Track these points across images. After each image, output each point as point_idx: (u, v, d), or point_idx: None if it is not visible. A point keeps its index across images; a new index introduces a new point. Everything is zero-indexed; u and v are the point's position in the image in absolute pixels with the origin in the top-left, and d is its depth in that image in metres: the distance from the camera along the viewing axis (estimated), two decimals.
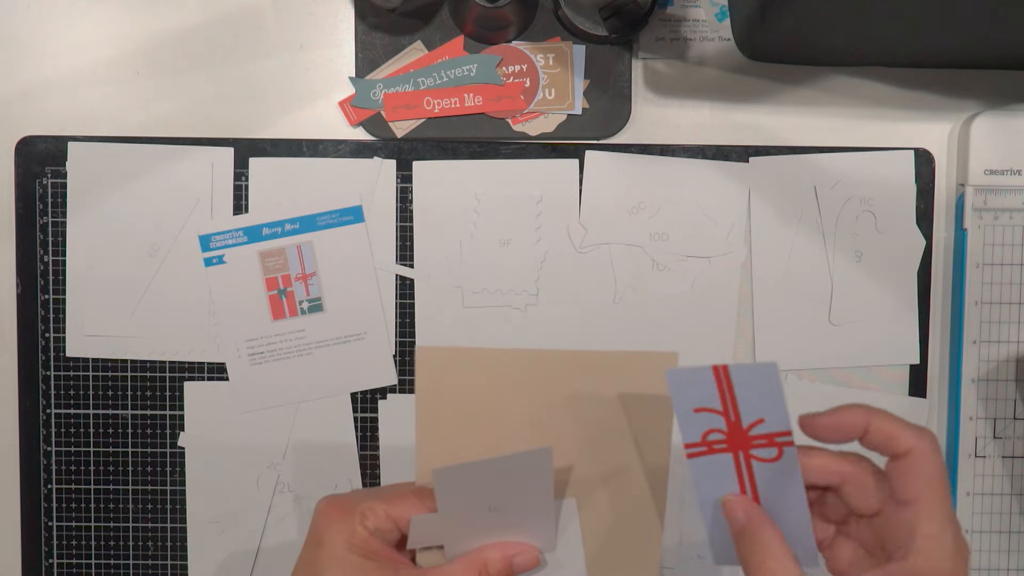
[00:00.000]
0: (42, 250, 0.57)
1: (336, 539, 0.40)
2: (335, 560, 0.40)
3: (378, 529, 0.40)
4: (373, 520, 0.40)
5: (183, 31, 0.57)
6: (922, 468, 0.37)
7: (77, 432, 0.58)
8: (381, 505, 0.41)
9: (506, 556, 0.41)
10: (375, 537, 0.40)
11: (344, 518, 0.41)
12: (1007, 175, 0.57)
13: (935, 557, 0.36)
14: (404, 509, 0.41)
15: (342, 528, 0.40)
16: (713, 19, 0.57)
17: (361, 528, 0.40)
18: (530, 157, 0.57)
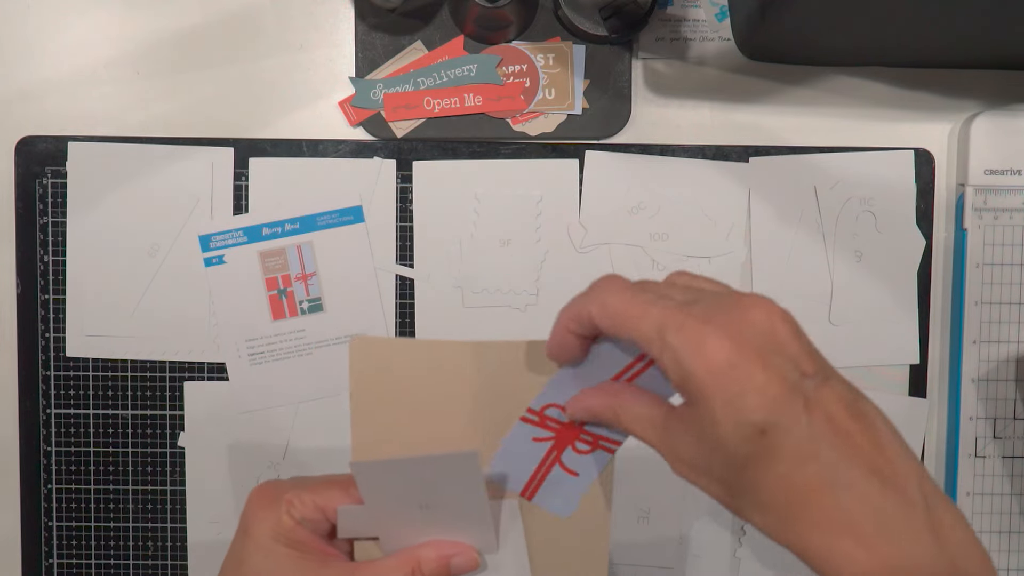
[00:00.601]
0: (42, 250, 0.57)
1: (262, 528, 0.39)
2: (259, 549, 0.39)
3: (305, 519, 0.39)
4: (300, 509, 0.39)
5: (183, 31, 0.57)
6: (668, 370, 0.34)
7: (77, 432, 0.58)
8: (308, 495, 0.39)
9: (442, 556, 0.40)
10: (302, 527, 0.39)
11: (270, 507, 0.39)
12: (1007, 175, 0.57)
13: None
14: (331, 499, 0.39)
15: (268, 517, 0.39)
16: (713, 19, 0.57)
17: (287, 518, 0.39)
18: (530, 157, 0.57)
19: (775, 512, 0.32)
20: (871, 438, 0.32)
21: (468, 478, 0.38)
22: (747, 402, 0.31)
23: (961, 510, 0.33)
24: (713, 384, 0.32)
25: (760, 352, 0.32)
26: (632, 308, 0.34)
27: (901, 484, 0.32)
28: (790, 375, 0.32)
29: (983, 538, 0.58)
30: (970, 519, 0.57)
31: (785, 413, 0.31)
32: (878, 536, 0.31)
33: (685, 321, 0.32)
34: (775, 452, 0.31)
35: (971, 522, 0.57)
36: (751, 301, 0.33)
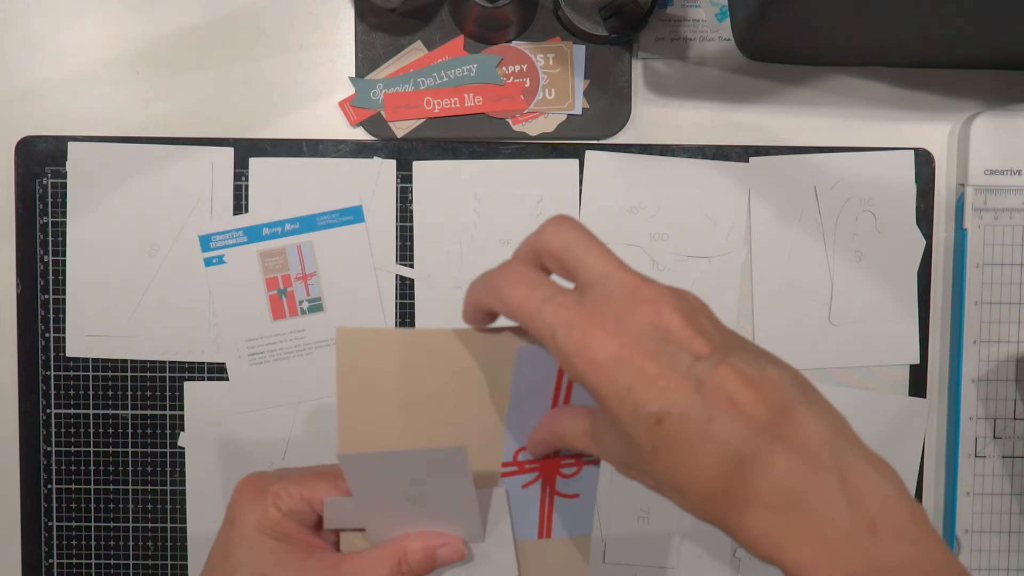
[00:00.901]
0: (42, 250, 0.57)
1: (248, 520, 0.39)
2: (245, 541, 0.39)
3: (291, 511, 0.39)
4: (287, 502, 0.39)
5: (183, 31, 0.57)
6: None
7: (77, 432, 0.58)
8: (295, 486, 0.39)
9: (428, 547, 0.40)
10: (288, 519, 0.39)
11: (257, 498, 0.39)
12: (1007, 175, 0.57)
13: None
14: (318, 491, 0.39)
15: (254, 508, 0.39)
16: (713, 19, 0.57)
17: (274, 510, 0.39)
18: (530, 157, 0.57)
19: (692, 495, 0.33)
20: (774, 404, 0.32)
21: (456, 473, 0.38)
22: (638, 395, 0.32)
23: (887, 462, 0.32)
24: (603, 381, 0.32)
25: (647, 344, 0.32)
26: (527, 304, 0.34)
27: (809, 449, 0.31)
28: (681, 361, 0.32)
29: (983, 538, 0.58)
30: (970, 519, 0.57)
31: (677, 399, 0.31)
32: (789, 507, 0.31)
33: (574, 320, 0.33)
34: (676, 439, 0.32)
35: (971, 522, 0.57)
36: (640, 295, 0.33)
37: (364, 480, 0.39)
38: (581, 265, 0.35)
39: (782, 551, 0.31)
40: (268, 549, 0.39)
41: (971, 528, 0.58)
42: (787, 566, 0.32)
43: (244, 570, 0.39)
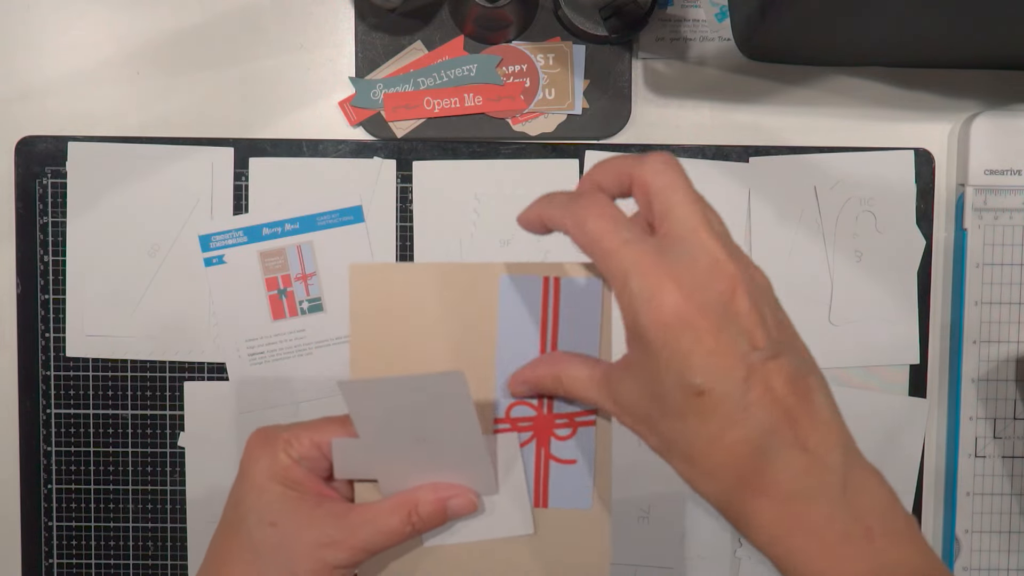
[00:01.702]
0: (42, 250, 0.57)
1: (258, 467, 0.39)
2: (255, 488, 0.39)
3: (303, 457, 0.39)
4: (297, 448, 0.39)
5: (183, 31, 0.57)
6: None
7: (77, 432, 0.58)
8: (305, 432, 0.39)
9: (439, 498, 0.39)
10: (299, 466, 0.39)
11: (267, 446, 0.39)
12: (1007, 175, 0.57)
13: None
14: (329, 434, 0.39)
15: (264, 456, 0.39)
16: (713, 19, 0.57)
17: (284, 456, 0.39)
18: (530, 157, 0.57)
19: (702, 468, 0.34)
20: (806, 411, 0.33)
21: (457, 400, 0.37)
22: (691, 363, 0.32)
23: (886, 479, 0.34)
24: (663, 338, 0.33)
25: (715, 317, 0.33)
26: (608, 241, 0.34)
27: (822, 454, 0.33)
28: (739, 345, 0.33)
29: (983, 538, 0.58)
30: (970, 519, 0.57)
31: (725, 380, 0.32)
32: (792, 497, 0.33)
33: (651, 271, 0.33)
34: (708, 413, 0.33)
35: (971, 522, 0.57)
36: (722, 270, 0.33)
37: (366, 410, 0.38)
38: (672, 215, 0.35)
39: (780, 541, 0.33)
40: (277, 496, 0.38)
41: (971, 528, 0.58)
42: (781, 556, 0.33)
43: (253, 516, 0.39)
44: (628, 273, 0.33)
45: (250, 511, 0.39)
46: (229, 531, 0.40)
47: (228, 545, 0.40)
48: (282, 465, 0.39)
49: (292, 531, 0.38)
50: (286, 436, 0.39)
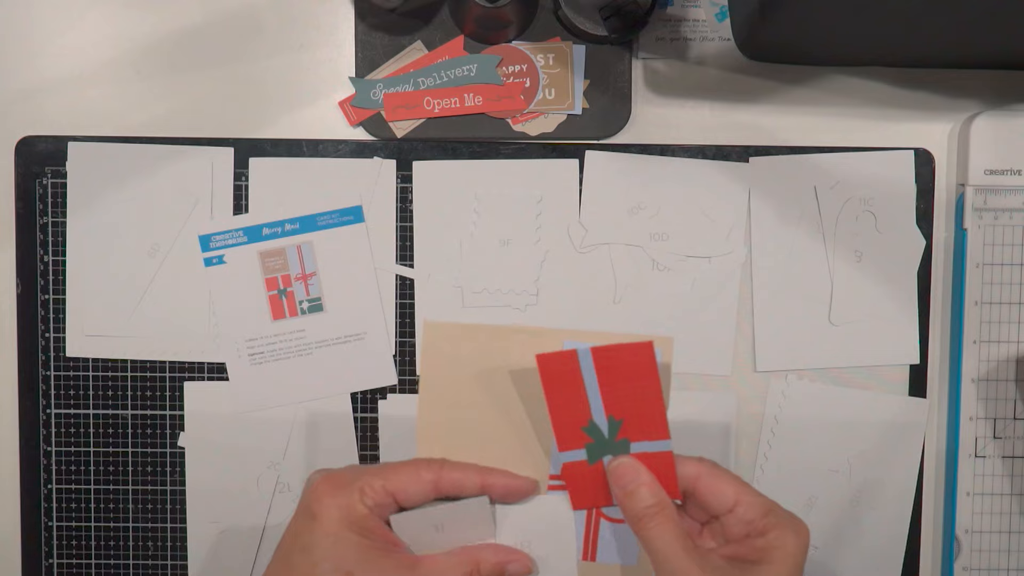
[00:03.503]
0: (42, 250, 0.57)
1: (332, 514, 0.40)
2: (329, 535, 0.40)
3: (377, 505, 0.40)
4: (372, 496, 0.40)
5: (183, 31, 0.57)
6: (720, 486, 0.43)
7: (77, 432, 0.58)
8: (379, 480, 0.41)
9: (500, 561, 0.42)
10: (373, 515, 0.40)
11: (342, 493, 0.40)
12: (1007, 175, 0.57)
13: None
14: (401, 481, 0.41)
15: (339, 503, 0.40)
16: (713, 19, 0.57)
17: (360, 505, 0.40)
18: (530, 157, 0.57)
19: None
20: None
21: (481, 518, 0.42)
22: None
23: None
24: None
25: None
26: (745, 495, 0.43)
27: None
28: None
29: (983, 538, 0.58)
30: (970, 519, 0.57)
31: None
32: None
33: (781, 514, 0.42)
34: None
35: (971, 522, 0.57)
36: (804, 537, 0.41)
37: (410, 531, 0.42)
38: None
39: None
40: (353, 545, 0.40)
41: (971, 528, 0.58)
42: None
43: (327, 564, 0.39)
44: None
45: (325, 559, 0.40)
46: (291, 570, 0.41)
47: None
48: (358, 514, 0.40)
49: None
50: (360, 485, 0.41)
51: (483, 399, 0.44)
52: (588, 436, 0.42)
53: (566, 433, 0.42)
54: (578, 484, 0.43)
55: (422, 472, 0.41)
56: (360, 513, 0.40)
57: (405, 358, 0.58)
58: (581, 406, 0.42)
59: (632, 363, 0.41)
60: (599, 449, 0.43)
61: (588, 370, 0.42)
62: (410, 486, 0.41)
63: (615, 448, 0.42)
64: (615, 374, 0.42)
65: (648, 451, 0.42)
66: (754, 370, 0.57)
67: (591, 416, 0.42)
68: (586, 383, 0.42)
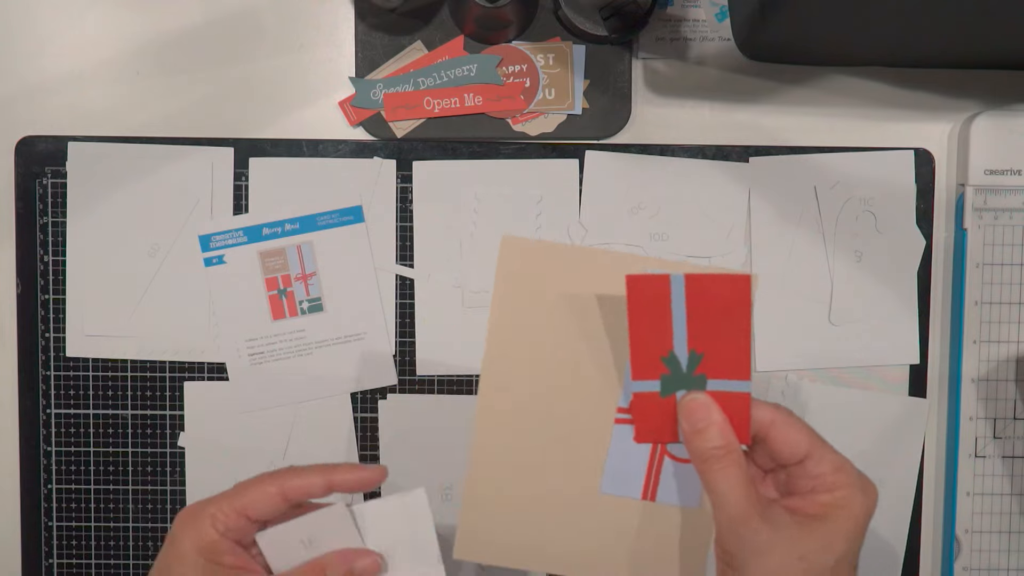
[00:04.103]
0: (42, 250, 0.57)
1: (185, 542, 0.41)
2: (179, 558, 0.41)
3: (229, 528, 0.41)
4: (223, 520, 0.41)
5: (183, 31, 0.57)
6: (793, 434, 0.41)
7: (77, 432, 0.58)
8: (227, 502, 0.42)
9: (346, 559, 0.42)
10: (225, 539, 0.41)
11: (195, 521, 0.42)
12: (1007, 175, 0.57)
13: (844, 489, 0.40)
14: (248, 498, 0.42)
15: (192, 530, 0.41)
16: (713, 19, 0.57)
17: (211, 530, 0.41)
18: (530, 157, 0.57)
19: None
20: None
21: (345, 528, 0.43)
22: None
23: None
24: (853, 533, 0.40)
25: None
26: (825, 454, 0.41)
27: None
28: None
29: (983, 538, 0.58)
30: (970, 519, 0.57)
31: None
32: None
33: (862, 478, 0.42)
34: None
35: (971, 522, 0.57)
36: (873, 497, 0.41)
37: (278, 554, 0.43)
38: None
39: None
40: (200, 568, 0.41)
41: (971, 528, 0.58)
42: None
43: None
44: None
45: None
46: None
47: None
48: (209, 540, 0.41)
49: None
50: (212, 511, 0.42)
51: (559, 322, 0.42)
52: (665, 367, 0.40)
53: (643, 361, 0.40)
54: (646, 416, 0.41)
55: (266, 485, 0.42)
56: (211, 539, 0.41)
57: (405, 358, 0.58)
58: (664, 335, 0.40)
59: (725, 296, 0.39)
60: (674, 382, 0.40)
61: (678, 297, 0.39)
62: (258, 502, 0.42)
63: (691, 383, 0.40)
64: (705, 305, 0.39)
65: (725, 390, 0.40)
66: (754, 370, 0.57)
67: (672, 347, 0.40)
68: (673, 311, 0.39)
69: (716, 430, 0.40)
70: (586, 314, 0.42)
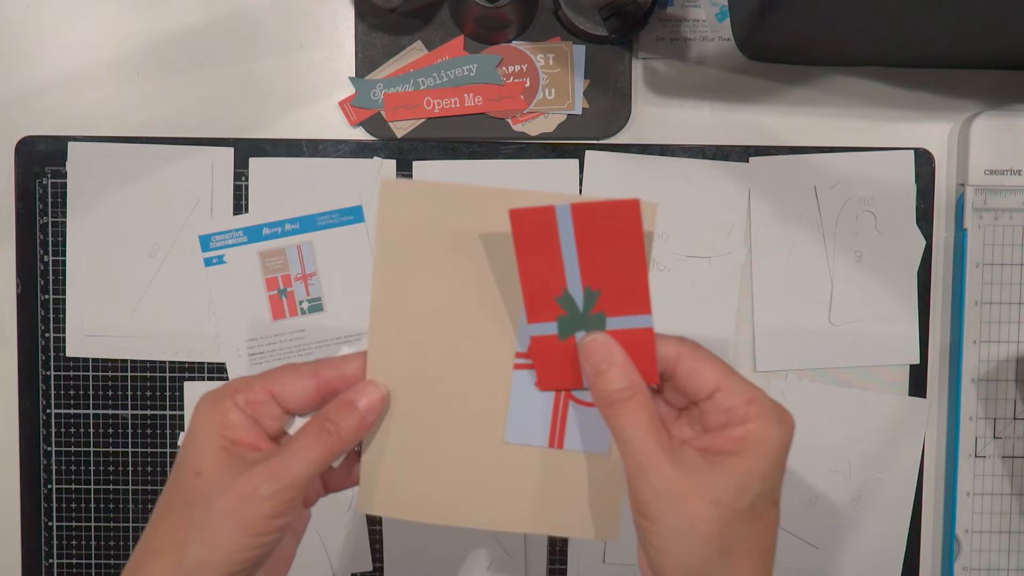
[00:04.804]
0: (42, 250, 0.57)
1: (202, 419, 0.38)
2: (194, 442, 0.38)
3: (250, 404, 0.38)
4: (246, 395, 0.38)
5: (183, 31, 0.57)
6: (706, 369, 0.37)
7: (77, 432, 0.58)
8: (257, 381, 0.38)
9: (346, 399, 0.39)
10: (244, 415, 0.38)
11: (214, 397, 0.38)
12: (1007, 175, 0.57)
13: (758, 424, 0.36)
14: (282, 381, 0.38)
15: (210, 407, 0.38)
16: (713, 19, 0.57)
17: (230, 403, 0.38)
18: (530, 157, 0.57)
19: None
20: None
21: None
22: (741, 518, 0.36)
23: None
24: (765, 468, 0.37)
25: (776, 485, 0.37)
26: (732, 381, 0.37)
27: None
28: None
29: (983, 538, 0.58)
30: (970, 519, 0.57)
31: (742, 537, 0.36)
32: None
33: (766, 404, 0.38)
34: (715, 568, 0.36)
35: (971, 522, 0.57)
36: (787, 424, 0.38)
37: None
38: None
39: None
40: (212, 446, 0.37)
41: (971, 528, 0.58)
42: None
43: (184, 468, 0.38)
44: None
45: (181, 461, 0.38)
46: (168, 485, 0.39)
47: (166, 497, 0.38)
48: (230, 423, 0.38)
49: (218, 479, 0.37)
50: (235, 386, 0.38)
51: (447, 267, 0.39)
52: (560, 308, 0.38)
53: (537, 303, 0.37)
54: (546, 361, 0.39)
55: (304, 375, 0.39)
56: (232, 422, 0.38)
57: None
58: (555, 272, 0.37)
59: (616, 225, 0.36)
60: (572, 323, 0.38)
61: (566, 229, 0.36)
62: (290, 386, 0.38)
63: (590, 323, 0.37)
64: (595, 236, 0.36)
65: (627, 327, 0.37)
66: (754, 370, 0.57)
67: (565, 285, 0.37)
68: (563, 245, 0.37)
69: (618, 371, 0.37)
70: (474, 256, 0.39)
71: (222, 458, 0.37)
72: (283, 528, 0.37)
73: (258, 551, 0.37)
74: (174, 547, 0.37)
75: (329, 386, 0.39)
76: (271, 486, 0.36)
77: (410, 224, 0.39)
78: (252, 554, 0.37)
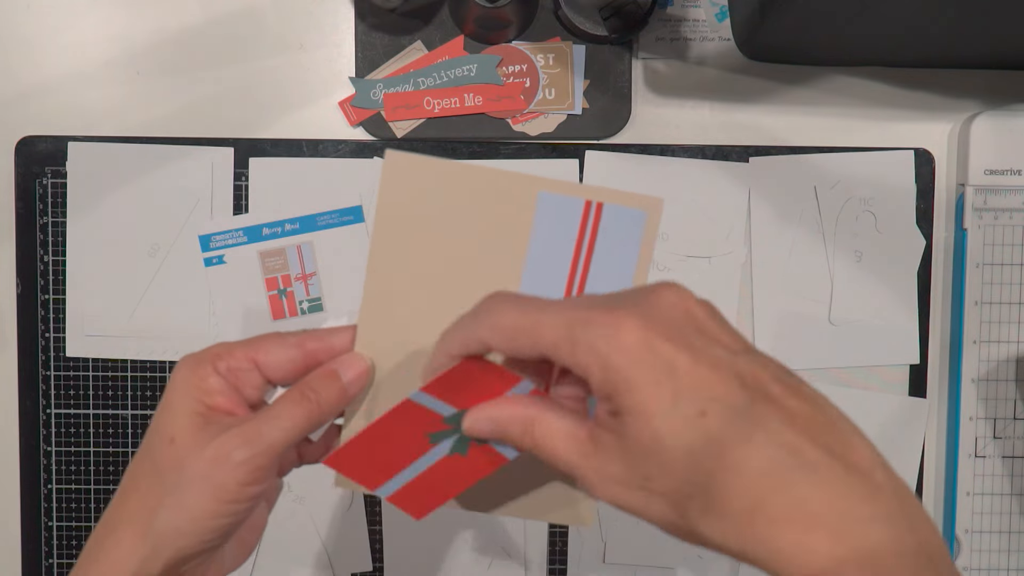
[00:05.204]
0: (42, 250, 0.57)
1: (178, 384, 0.36)
2: (168, 408, 0.36)
3: (230, 369, 0.36)
4: (227, 360, 0.36)
5: (183, 31, 0.57)
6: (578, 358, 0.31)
7: (77, 432, 0.58)
8: (238, 346, 0.37)
9: (329, 369, 0.37)
10: (222, 380, 0.36)
11: (194, 361, 0.37)
12: (1007, 175, 0.57)
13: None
14: (264, 348, 0.37)
15: (188, 371, 0.37)
16: (713, 19, 0.57)
17: (209, 368, 0.36)
18: (530, 157, 0.57)
19: (730, 513, 0.28)
20: (824, 420, 0.30)
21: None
22: (678, 384, 0.28)
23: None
24: (637, 371, 0.28)
25: (680, 332, 0.29)
26: (527, 318, 0.31)
27: (865, 469, 0.29)
28: (717, 353, 0.29)
29: (983, 538, 0.58)
30: (970, 519, 0.57)
31: (722, 392, 0.28)
32: (843, 525, 0.27)
33: (590, 315, 0.29)
34: (721, 439, 0.28)
35: (971, 522, 0.57)
36: (659, 286, 0.30)
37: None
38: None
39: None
40: (186, 411, 0.36)
41: (971, 528, 0.58)
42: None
43: (157, 432, 0.36)
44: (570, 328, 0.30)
45: (155, 428, 0.37)
46: (139, 453, 0.37)
47: (137, 465, 0.37)
48: (208, 387, 0.36)
49: (191, 443, 0.36)
50: (217, 351, 0.37)
51: (446, 243, 0.39)
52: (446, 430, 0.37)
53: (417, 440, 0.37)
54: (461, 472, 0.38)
55: (288, 344, 0.37)
56: (205, 376, 0.36)
57: None
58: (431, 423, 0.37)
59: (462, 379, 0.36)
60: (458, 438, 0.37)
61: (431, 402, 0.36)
62: (273, 354, 0.37)
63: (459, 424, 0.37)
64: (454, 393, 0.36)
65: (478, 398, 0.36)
66: None
67: (443, 417, 0.37)
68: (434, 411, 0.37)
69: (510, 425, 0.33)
70: (473, 235, 0.38)
71: (197, 423, 0.36)
72: (256, 496, 0.36)
73: (230, 519, 0.35)
74: (144, 514, 0.35)
75: (314, 357, 0.38)
76: (246, 451, 0.35)
77: (411, 198, 0.39)
78: (224, 522, 0.35)
